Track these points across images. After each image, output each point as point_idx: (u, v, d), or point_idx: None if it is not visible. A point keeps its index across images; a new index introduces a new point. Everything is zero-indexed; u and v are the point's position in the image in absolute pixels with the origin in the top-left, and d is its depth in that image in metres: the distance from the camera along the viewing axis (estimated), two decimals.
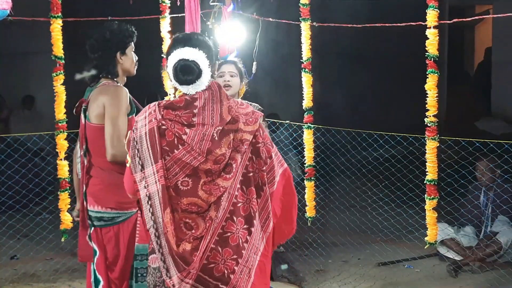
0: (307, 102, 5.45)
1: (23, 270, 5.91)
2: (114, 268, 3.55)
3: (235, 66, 4.44)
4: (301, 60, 5.42)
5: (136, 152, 2.77)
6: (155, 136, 2.75)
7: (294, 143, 7.29)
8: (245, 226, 2.81)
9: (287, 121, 6.09)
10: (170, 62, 2.81)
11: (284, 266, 5.82)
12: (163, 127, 2.75)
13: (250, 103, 4.49)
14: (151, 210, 2.76)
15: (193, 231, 2.76)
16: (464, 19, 5.18)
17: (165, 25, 5.42)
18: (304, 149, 5.53)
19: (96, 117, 3.51)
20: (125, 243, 3.53)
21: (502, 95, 11.99)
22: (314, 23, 5.41)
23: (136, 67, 3.75)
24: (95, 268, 3.58)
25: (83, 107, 3.59)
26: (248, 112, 2.86)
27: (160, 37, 5.44)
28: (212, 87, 2.83)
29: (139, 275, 3.50)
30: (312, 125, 5.47)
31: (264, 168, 2.86)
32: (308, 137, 5.48)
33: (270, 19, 5.70)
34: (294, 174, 9.38)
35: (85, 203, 3.58)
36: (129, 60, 3.66)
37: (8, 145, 6.73)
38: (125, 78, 3.74)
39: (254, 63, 5.10)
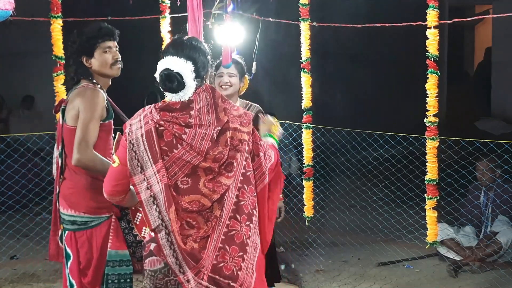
0: (306, 102, 5.46)
1: (23, 270, 5.91)
2: (87, 272, 3.52)
3: (234, 66, 4.43)
4: (301, 60, 5.43)
5: (134, 154, 2.79)
6: (152, 137, 2.78)
7: (294, 143, 7.28)
8: (247, 223, 2.87)
9: (286, 121, 6.09)
10: (158, 68, 2.86)
11: (282, 266, 5.83)
12: (161, 128, 2.79)
13: (250, 103, 4.49)
14: (157, 210, 2.78)
15: (195, 230, 2.80)
16: (464, 19, 5.18)
17: (165, 25, 5.42)
18: (303, 149, 5.54)
19: (71, 119, 3.46)
20: (98, 248, 3.49)
21: (502, 95, 11.97)
22: (314, 23, 5.42)
23: (118, 66, 3.61)
24: (68, 272, 3.55)
25: (62, 107, 3.54)
26: (241, 114, 2.91)
27: (160, 37, 5.44)
28: (206, 90, 2.87)
29: (110, 281, 3.48)
30: (311, 125, 5.48)
31: (255, 167, 2.95)
32: (307, 137, 5.49)
33: (270, 19, 5.70)
34: (294, 174, 9.41)
35: (57, 204, 3.56)
36: (97, 63, 3.55)
37: (8, 145, 6.73)
38: (109, 81, 3.64)
39: (254, 63, 5.10)
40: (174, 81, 2.80)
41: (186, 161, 2.77)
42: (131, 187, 2.98)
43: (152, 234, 2.85)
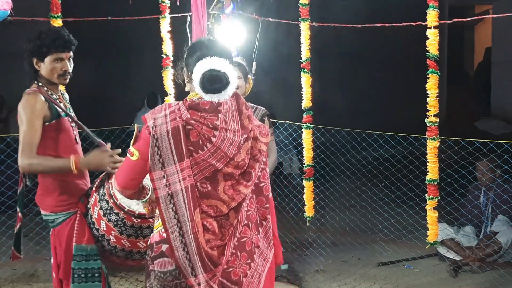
0: (306, 102, 5.46)
1: (23, 270, 5.91)
2: (60, 267, 3.60)
3: (239, 69, 4.40)
4: (301, 60, 5.42)
5: (156, 149, 2.73)
6: (179, 135, 2.73)
7: (294, 143, 7.29)
8: (256, 233, 2.88)
9: (286, 121, 6.10)
10: (198, 69, 2.78)
11: (284, 266, 5.82)
12: (188, 127, 2.74)
13: (256, 106, 4.48)
14: (174, 209, 2.74)
15: (210, 233, 2.78)
16: (464, 19, 5.19)
17: (165, 25, 5.42)
18: (304, 149, 5.54)
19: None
20: (64, 243, 3.55)
21: (502, 95, 11.97)
22: (314, 23, 5.42)
23: (65, 78, 3.61)
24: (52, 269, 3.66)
25: None
26: (260, 125, 2.92)
27: (160, 37, 5.44)
28: (232, 95, 2.85)
29: (76, 275, 3.52)
30: (311, 125, 5.48)
31: (266, 179, 2.97)
32: (307, 137, 5.49)
33: (270, 19, 5.70)
34: (295, 174, 9.39)
35: (18, 209, 3.71)
36: (45, 69, 3.57)
37: (8, 145, 6.72)
38: (58, 86, 3.66)
39: (254, 63, 5.10)
40: (222, 82, 2.75)
41: (210, 164, 2.74)
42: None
43: (164, 235, 2.79)
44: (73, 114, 3.69)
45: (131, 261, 3.63)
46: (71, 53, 3.64)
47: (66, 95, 3.83)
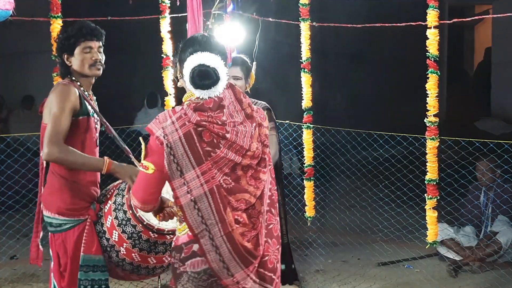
0: (306, 102, 5.46)
1: (23, 270, 5.91)
2: (64, 275, 3.49)
3: (240, 69, 4.40)
4: (301, 60, 5.43)
5: (172, 158, 2.69)
6: (193, 139, 2.70)
7: (294, 143, 7.29)
8: (276, 217, 2.91)
9: (286, 121, 6.10)
10: (188, 64, 2.76)
11: (282, 266, 5.81)
12: (200, 128, 2.72)
13: (256, 101, 4.49)
14: (200, 214, 2.71)
15: (240, 225, 2.77)
16: (464, 19, 5.20)
17: (165, 25, 5.42)
18: (304, 149, 5.54)
19: (46, 117, 3.43)
20: (70, 251, 3.45)
21: (502, 95, 11.97)
22: (314, 23, 5.42)
23: (97, 67, 3.56)
24: (52, 274, 3.54)
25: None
26: (257, 109, 2.91)
27: (160, 37, 5.44)
28: (227, 87, 2.84)
29: (82, 286, 3.42)
30: (312, 125, 5.48)
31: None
32: (307, 137, 5.49)
33: (270, 19, 5.70)
34: (295, 174, 9.38)
35: (41, 206, 3.55)
36: (76, 62, 3.52)
37: (8, 145, 6.71)
38: (91, 80, 3.60)
39: (254, 63, 5.10)
40: (211, 77, 2.73)
41: (229, 159, 2.73)
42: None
43: (191, 233, 2.75)
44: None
45: (135, 276, 3.56)
46: (101, 43, 3.58)
47: (94, 97, 3.73)
